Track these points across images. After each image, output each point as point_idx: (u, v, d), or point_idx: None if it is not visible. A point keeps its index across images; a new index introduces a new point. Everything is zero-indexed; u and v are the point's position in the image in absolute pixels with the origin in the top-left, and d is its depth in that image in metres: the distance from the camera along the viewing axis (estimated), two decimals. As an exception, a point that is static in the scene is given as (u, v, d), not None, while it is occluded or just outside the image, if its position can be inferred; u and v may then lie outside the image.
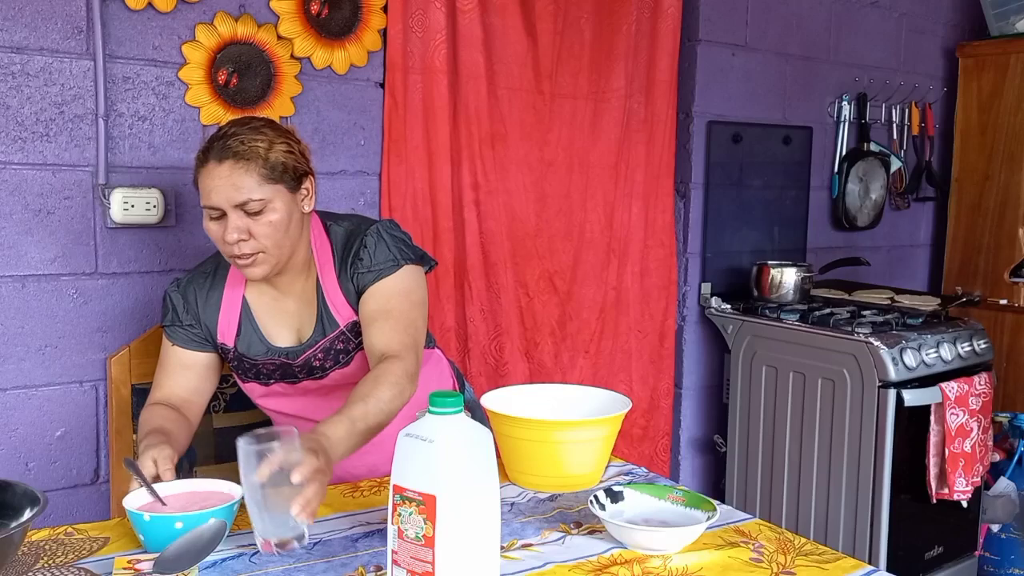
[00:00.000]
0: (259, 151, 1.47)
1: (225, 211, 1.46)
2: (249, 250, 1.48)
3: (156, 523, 1.24)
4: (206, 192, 1.47)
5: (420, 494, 1.06)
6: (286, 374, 1.61)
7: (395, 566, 1.09)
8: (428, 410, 1.10)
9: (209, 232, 1.50)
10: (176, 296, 1.62)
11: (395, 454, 1.10)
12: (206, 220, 1.50)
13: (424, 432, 1.09)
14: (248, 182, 1.45)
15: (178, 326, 1.61)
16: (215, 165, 1.46)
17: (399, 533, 1.08)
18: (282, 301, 1.61)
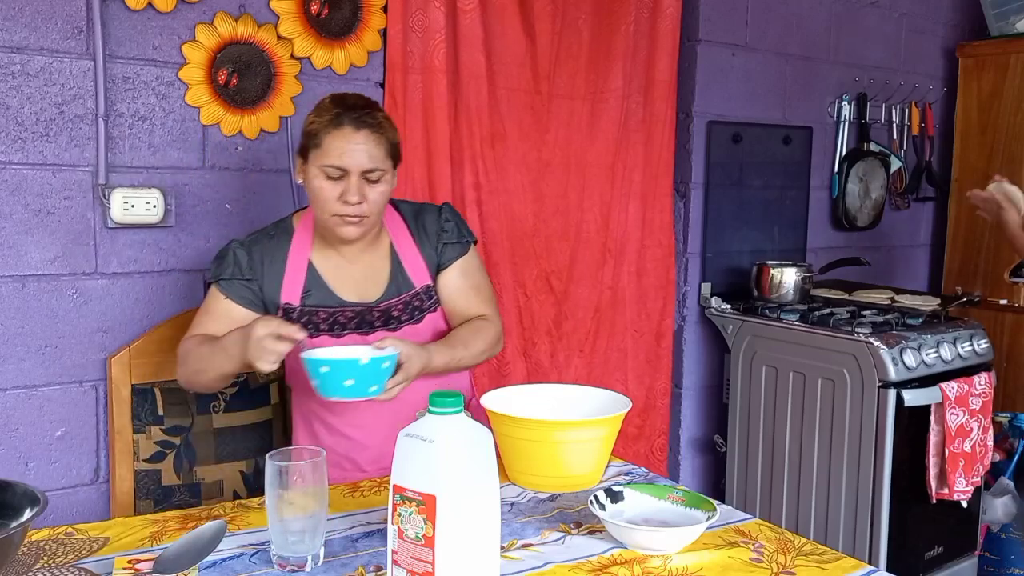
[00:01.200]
0: (387, 129, 1.64)
1: (349, 173, 1.60)
2: (359, 212, 1.62)
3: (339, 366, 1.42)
4: (336, 153, 1.59)
5: (420, 494, 1.06)
6: (362, 323, 1.70)
7: (395, 566, 1.10)
8: (428, 410, 1.10)
9: (319, 190, 1.61)
10: (241, 252, 1.69)
11: (395, 454, 1.10)
12: (319, 178, 1.61)
13: (424, 432, 1.09)
14: (378, 153, 1.62)
15: (237, 280, 1.68)
16: (352, 131, 1.60)
17: (399, 533, 1.08)
18: (348, 265, 1.73)
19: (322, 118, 1.62)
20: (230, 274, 1.68)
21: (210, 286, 1.71)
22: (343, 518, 1.39)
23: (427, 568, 1.06)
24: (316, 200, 1.64)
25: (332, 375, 1.43)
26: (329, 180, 1.61)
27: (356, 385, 1.44)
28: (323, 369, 1.43)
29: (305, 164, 1.65)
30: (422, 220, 1.79)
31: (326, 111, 1.62)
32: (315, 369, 1.44)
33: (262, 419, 2.10)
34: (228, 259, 1.69)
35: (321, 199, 1.62)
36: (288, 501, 1.19)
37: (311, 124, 1.63)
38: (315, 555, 1.21)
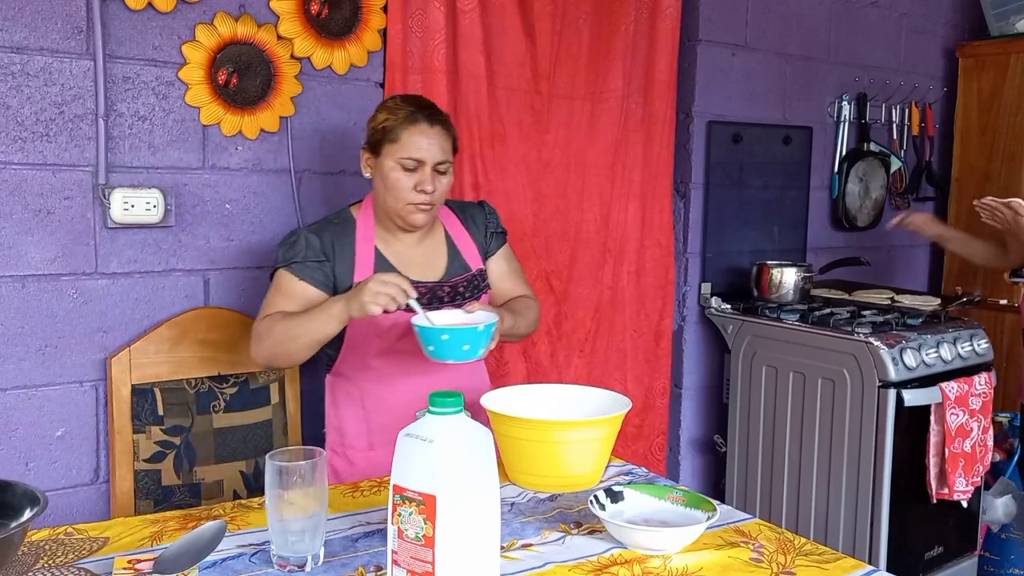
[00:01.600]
0: (451, 126, 1.81)
1: (424, 164, 1.74)
2: (429, 200, 1.75)
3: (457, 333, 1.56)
4: (414, 146, 1.74)
5: (420, 494, 1.06)
6: (432, 298, 1.81)
7: (395, 566, 1.10)
8: (428, 410, 1.10)
9: (396, 180, 1.74)
10: (312, 237, 1.77)
11: (395, 454, 1.10)
12: (396, 171, 1.74)
13: (424, 432, 1.09)
14: (448, 147, 1.78)
15: (312, 262, 1.75)
16: (427, 127, 1.75)
17: (399, 533, 1.08)
18: (410, 250, 1.84)
19: (397, 115, 1.75)
20: (303, 257, 1.75)
21: (277, 271, 1.77)
22: (343, 518, 1.39)
23: (427, 568, 1.06)
24: (392, 190, 1.75)
25: (451, 341, 1.57)
26: (405, 172, 1.74)
27: (471, 349, 1.58)
28: (444, 336, 1.57)
29: (376, 158, 1.78)
30: (470, 212, 1.95)
31: (400, 109, 1.76)
32: (436, 336, 1.57)
33: (262, 419, 2.10)
34: (300, 243, 1.76)
35: (397, 189, 1.75)
36: (288, 501, 1.19)
37: (386, 121, 1.76)
38: (315, 555, 1.21)
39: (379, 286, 1.56)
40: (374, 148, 1.78)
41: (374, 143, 1.78)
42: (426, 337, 1.58)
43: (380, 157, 1.77)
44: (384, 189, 1.76)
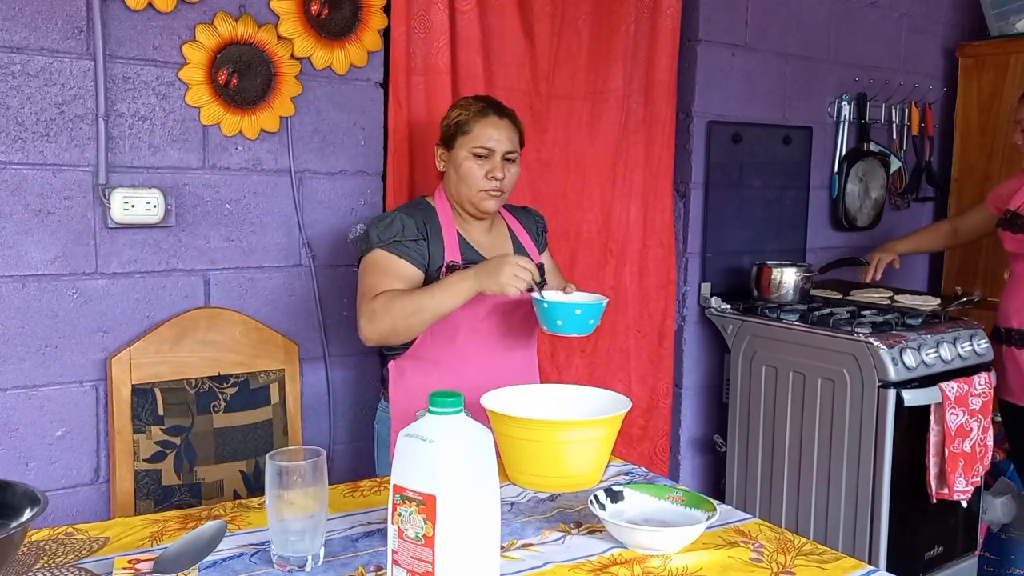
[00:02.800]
0: (518, 120, 1.97)
1: (494, 153, 1.88)
2: (499, 187, 1.89)
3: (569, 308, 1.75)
4: (484, 136, 1.88)
5: (420, 494, 1.06)
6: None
7: (395, 566, 1.10)
8: (428, 410, 1.10)
9: (470, 169, 1.88)
10: (407, 218, 1.86)
11: (395, 454, 1.11)
12: (469, 160, 1.88)
13: (424, 432, 1.09)
14: (515, 138, 1.93)
15: (410, 241, 1.84)
16: (497, 119, 1.90)
17: (399, 533, 1.09)
18: (482, 237, 1.97)
19: (469, 111, 1.91)
20: (401, 236, 1.84)
21: (373, 251, 1.83)
22: (343, 518, 1.39)
23: (427, 568, 1.06)
24: (465, 178, 1.89)
25: (583, 316, 1.76)
26: (477, 161, 1.88)
27: (593, 322, 1.78)
28: (577, 311, 1.76)
29: (450, 151, 1.92)
30: (521, 213, 2.11)
31: (471, 105, 1.92)
32: (570, 311, 1.76)
33: (262, 419, 2.10)
34: (396, 224, 1.85)
35: (471, 176, 1.88)
36: (288, 501, 1.19)
37: (459, 116, 1.91)
38: (315, 555, 1.21)
39: (518, 269, 1.71)
40: (447, 142, 1.93)
41: (448, 137, 1.93)
42: (559, 312, 1.76)
43: (453, 150, 1.91)
44: (458, 179, 1.90)
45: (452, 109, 1.95)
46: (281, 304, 2.18)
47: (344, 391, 2.30)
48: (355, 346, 2.30)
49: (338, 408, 2.29)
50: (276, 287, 2.17)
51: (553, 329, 1.77)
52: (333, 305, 2.25)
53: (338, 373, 2.28)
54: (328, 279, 2.24)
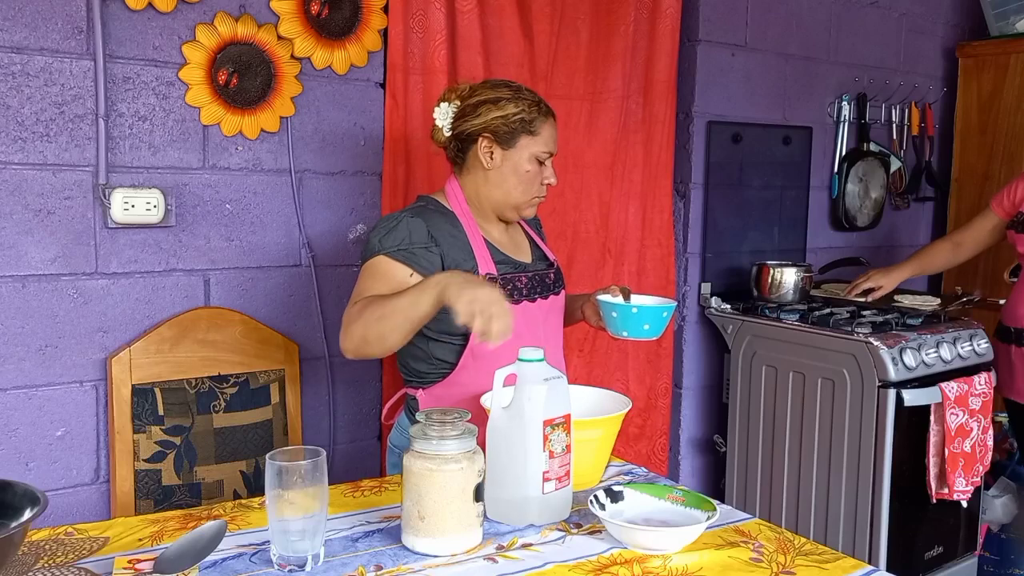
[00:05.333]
0: None
1: (551, 158, 1.77)
2: (546, 194, 1.80)
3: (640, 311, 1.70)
4: (551, 140, 1.76)
5: (563, 416, 1.37)
6: (540, 284, 1.82)
7: (546, 482, 1.36)
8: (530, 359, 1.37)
9: (528, 173, 1.74)
10: (416, 221, 1.67)
11: (545, 396, 1.33)
12: (531, 163, 1.74)
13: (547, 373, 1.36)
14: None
15: (421, 248, 1.66)
16: (552, 120, 1.77)
17: (550, 455, 1.35)
18: (503, 236, 1.83)
19: (532, 109, 1.73)
20: (407, 243, 1.65)
21: (375, 258, 1.65)
22: (343, 518, 1.39)
23: (568, 469, 1.41)
24: (523, 183, 1.75)
25: (664, 321, 1.71)
26: (538, 165, 1.75)
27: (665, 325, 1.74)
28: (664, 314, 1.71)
29: (507, 150, 1.73)
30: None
31: (525, 99, 1.73)
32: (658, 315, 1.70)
33: (262, 419, 2.10)
34: (402, 229, 1.66)
35: (527, 181, 1.75)
36: (288, 501, 1.19)
37: (521, 113, 1.72)
38: (315, 555, 1.21)
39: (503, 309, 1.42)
40: (506, 140, 1.72)
41: (507, 135, 1.72)
42: (649, 316, 1.70)
43: (512, 149, 1.72)
44: (513, 181, 1.74)
45: (505, 102, 1.72)
46: (281, 304, 2.18)
47: (344, 391, 2.30)
48: (355, 346, 2.30)
49: (338, 408, 2.30)
50: (276, 287, 2.17)
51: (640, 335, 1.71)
52: (333, 305, 2.25)
53: (338, 373, 2.28)
54: (328, 279, 2.24)
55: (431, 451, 1.25)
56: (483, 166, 1.74)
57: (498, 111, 1.71)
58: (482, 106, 1.72)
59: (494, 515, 1.38)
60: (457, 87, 1.79)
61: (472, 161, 1.76)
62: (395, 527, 1.33)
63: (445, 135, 1.78)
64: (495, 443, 1.38)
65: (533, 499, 1.36)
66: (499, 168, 1.74)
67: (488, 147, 1.73)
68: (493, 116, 1.71)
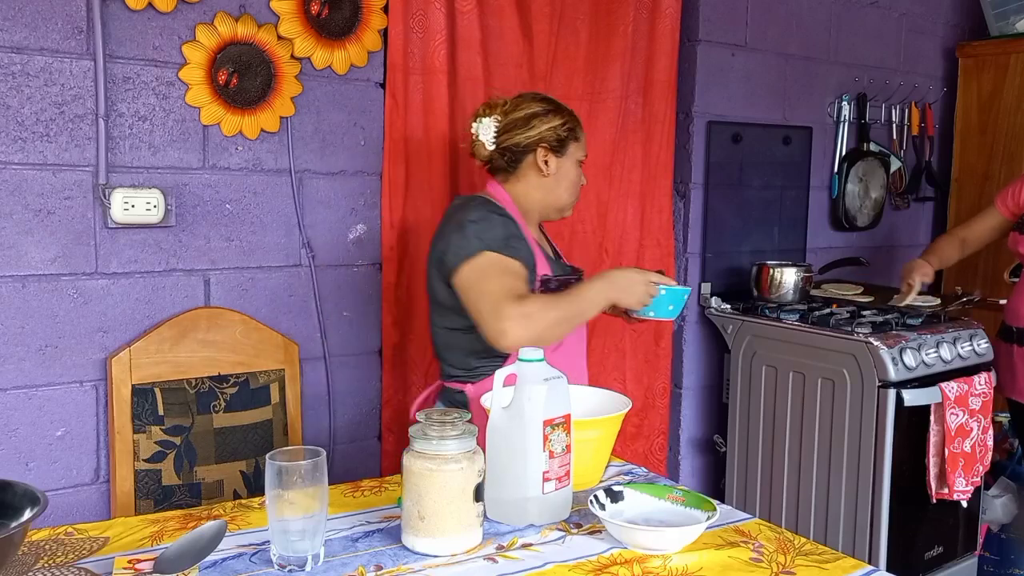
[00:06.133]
0: None
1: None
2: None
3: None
4: (585, 145, 1.95)
5: (563, 416, 1.38)
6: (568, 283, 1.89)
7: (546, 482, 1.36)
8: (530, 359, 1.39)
9: (575, 177, 1.93)
10: (507, 219, 1.81)
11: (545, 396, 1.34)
12: (576, 168, 1.93)
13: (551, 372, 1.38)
14: None
15: (519, 240, 1.79)
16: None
17: (550, 455, 1.36)
18: (546, 241, 2.02)
19: (572, 118, 1.91)
20: (508, 237, 1.76)
21: (485, 254, 1.72)
22: (343, 518, 1.39)
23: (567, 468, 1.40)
24: (572, 186, 1.93)
25: (684, 303, 1.84)
26: (579, 168, 1.94)
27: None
28: (685, 296, 1.82)
29: (559, 158, 1.89)
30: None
31: (565, 109, 1.91)
32: (681, 296, 1.81)
33: (262, 419, 2.10)
34: (498, 225, 1.77)
35: (575, 184, 1.93)
36: (288, 501, 1.19)
37: (567, 122, 1.89)
38: (315, 555, 1.21)
39: (652, 289, 1.75)
40: (559, 148, 1.88)
41: (559, 143, 1.88)
42: (673, 298, 1.80)
43: (564, 157, 1.89)
44: (565, 184, 1.91)
45: (550, 114, 1.87)
46: (281, 304, 2.18)
47: (344, 391, 2.30)
48: (355, 346, 2.30)
49: (338, 408, 2.30)
50: (276, 287, 2.17)
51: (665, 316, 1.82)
52: (333, 305, 2.26)
53: (338, 373, 2.28)
54: (328, 279, 2.24)
55: (431, 451, 1.25)
56: (539, 173, 1.89)
57: (548, 122, 1.87)
58: (533, 119, 1.86)
59: (494, 515, 1.38)
60: (495, 102, 1.92)
61: (525, 169, 1.89)
62: (395, 527, 1.33)
63: (488, 148, 1.89)
64: (495, 443, 1.38)
65: (533, 499, 1.36)
66: (555, 174, 1.89)
67: (544, 156, 1.87)
68: (546, 127, 1.87)
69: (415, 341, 2.35)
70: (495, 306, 1.66)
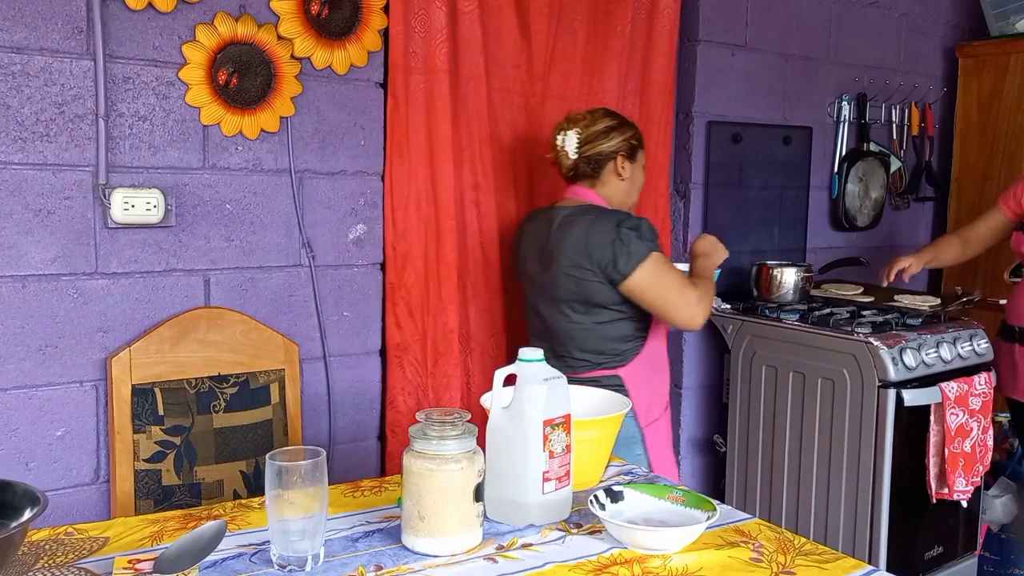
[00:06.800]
0: None
1: None
2: None
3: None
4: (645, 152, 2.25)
5: (563, 416, 1.39)
6: None
7: (546, 482, 1.36)
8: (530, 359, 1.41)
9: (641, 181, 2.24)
10: (646, 220, 2.06)
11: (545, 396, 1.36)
12: (643, 172, 2.23)
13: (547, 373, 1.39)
14: None
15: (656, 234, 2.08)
16: None
17: (550, 455, 1.36)
18: None
19: (637, 129, 2.19)
20: (655, 234, 2.04)
21: (652, 253, 2.01)
22: (343, 518, 1.39)
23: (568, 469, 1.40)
24: (640, 187, 2.23)
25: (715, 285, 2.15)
26: (644, 172, 2.24)
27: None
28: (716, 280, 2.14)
29: (633, 164, 2.18)
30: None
31: (629, 121, 2.19)
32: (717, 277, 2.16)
33: (262, 419, 2.10)
34: (647, 227, 2.03)
35: (641, 186, 2.23)
36: (288, 501, 1.19)
37: (636, 133, 2.18)
38: (315, 555, 1.21)
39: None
40: (633, 155, 2.17)
41: (632, 151, 2.17)
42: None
43: (636, 163, 2.18)
44: (637, 186, 2.21)
45: (626, 126, 2.16)
46: (281, 304, 2.18)
47: (344, 391, 2.30)
48: (355, 346, 2.30)
49: (338, 408, 2.30)
50: (276, 287, 2.17)
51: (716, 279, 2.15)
52: (333, 305, 2.26)
53: (338, 373, 2.28)
54: (328, 279, 2.24)
55: (431, 451, 1.25)
56: (618, 178, 2.16)
57: (623, 134, 2.14)
58: (612, 131, 2.13)
59: (494, 515, 1.38)
60: (575, 116, 2.17)
61: (607, 175, 2.16)
62: (395, 527, 1.33)
63: (572, 157, 2.14)
64: (495, 443, 1.38)
65: (533, 499, 1.36)
66: (631, 178, 2.17)
67: (622, 162, 2.15)
68: (622, 138, 2.14)
69: (419, 341, 2.35)
70: (681, 297, 2.00)
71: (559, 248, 2.05)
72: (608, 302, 2.04)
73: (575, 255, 2.02)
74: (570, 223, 2.06)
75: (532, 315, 2.23)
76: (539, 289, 2.15)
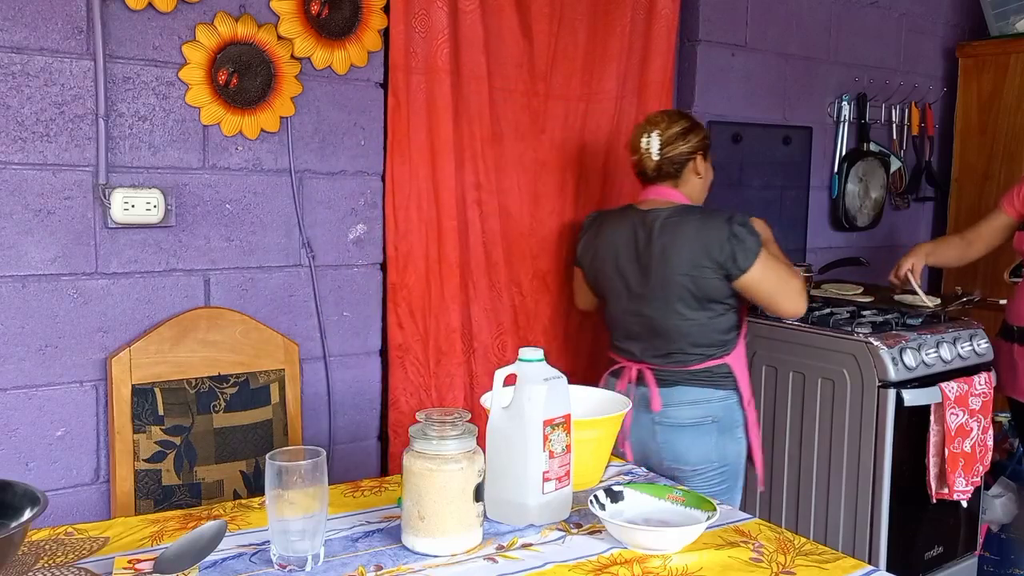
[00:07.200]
0: None
1: None
2: None
3: None
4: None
5: (563, 416, 1.39)
6: None
7: (546, 482, 1.37)
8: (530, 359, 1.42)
9: (712, 177, 2.30)
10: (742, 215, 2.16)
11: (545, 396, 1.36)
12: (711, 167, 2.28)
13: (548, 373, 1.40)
14: None
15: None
16: None
17: (550, 455, 1.37)
18: None
19: (707, 130, 2.25)
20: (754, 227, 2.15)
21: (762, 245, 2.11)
22: (343, 518, 1.40)
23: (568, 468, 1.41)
24: (710, 184, 2.30)
25: None
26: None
27: None
28: None
29: (707, 162, 2.25)
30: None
31: (699, 122, 2.25)
32: None
33: (262, 419, 2.10)
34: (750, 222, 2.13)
35: (710, 183, 2.30)
36: (288, 501, 1.19)
37: (707, 133, 2.24)
38: (315, 555, 1.22)
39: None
40: (706, 154, 2.24)
41: (706, 150, 2.24)
42: None
43: (709, 161, 2.26)
44: (709, 182, 2.29)
45: (699, 127, 2.22)
46: (281, 304, 2.18)
47: (344, 391, 2.30)
48: (355, 346, 2.30)
49: (338, 408, 2.30)
50: (276, 287, 2.17)
51: None
52: (333, 305, 2.26)
53: (338, 373, 2.28)
54: (328, 279, 2.24)
55: (431, 451, 1.25)
56: (696, 176, 2.23)
57: (698, 135, 2.21)
58: (689, 133, 2.19)
59: (494, 515, 1.38)
60: (654, 120, 2.21)
61: (687, 174, 2.22)
62: (395, 527, 1.33)
63: (655, 159, 2.17)
64: (495, 443, 1.38)
65: (533, 499, 1.36)
66: (706, 176, 2.26)
67: (700, 161, 2.22)
68: (698, 139, 2.21)
69: (420, 342, 2.35)
70: (789, 286, 2.11)
71: (671, 250, 2.08)
72: (722, 296, 2.11)
73: (691, 255, 2.06)
74: (675, 224, 2.10)
75: (625, 316, 2.20)
76: (641, 290, 2.14)
